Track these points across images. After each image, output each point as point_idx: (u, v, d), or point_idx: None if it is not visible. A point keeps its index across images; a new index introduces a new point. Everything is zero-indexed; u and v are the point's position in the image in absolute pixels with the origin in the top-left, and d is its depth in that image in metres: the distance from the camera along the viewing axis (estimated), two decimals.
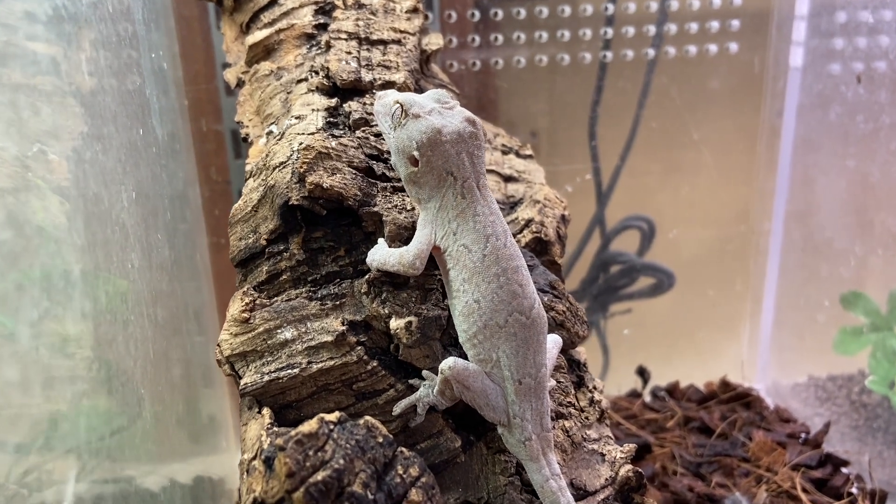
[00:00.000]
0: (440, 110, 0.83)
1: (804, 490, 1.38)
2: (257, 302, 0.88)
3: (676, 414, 1.65)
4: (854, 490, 1.37)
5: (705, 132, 1.68)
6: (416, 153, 0.81)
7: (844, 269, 1.60)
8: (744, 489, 1.40)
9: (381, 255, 0.85)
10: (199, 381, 1.60)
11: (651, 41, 1.59)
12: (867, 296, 1.60)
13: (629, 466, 0.96)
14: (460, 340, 0.84)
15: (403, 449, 0.77)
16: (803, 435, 1.58)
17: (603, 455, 0.96)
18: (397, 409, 0.85)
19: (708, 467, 1.48)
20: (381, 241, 0.87)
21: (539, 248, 1.06)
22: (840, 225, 1.62)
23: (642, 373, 1.75)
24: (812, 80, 1.59)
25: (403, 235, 0.88)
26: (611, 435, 1.03)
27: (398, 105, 0.82)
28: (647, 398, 1.76)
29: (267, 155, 0.94)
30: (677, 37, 1.59)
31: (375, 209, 0.90)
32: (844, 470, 1.45)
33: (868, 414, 1.61)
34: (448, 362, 0.81)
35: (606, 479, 0.93)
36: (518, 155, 1.23)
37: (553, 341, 0.89)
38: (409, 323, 0.84)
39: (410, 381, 0.86)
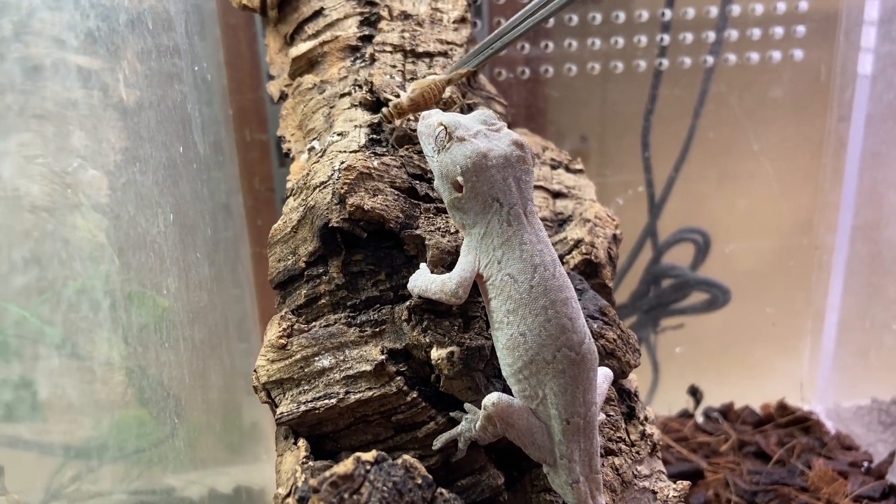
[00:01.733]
0: (486, 133, 0.78)
1: None
2: (295, 327, 0.85)
3: (731, 437, 1.58)
4: None
5: (766, 142, 1.60)
6: (460, 178, 0.77)
7: None
8: None
9: (423, 281, 0.81)
10: (241, 389, 1.59)
11: (710, 48, 1.52)
12: None
13: None
14: (504, 374, 0.79)
15: (443, 490, 0.73)
16: (866, 464, 1.50)
17: (655, 493, 0.91)
18: (437, 443, 0.81)
19: (764, 496, 1.41)
20: (422, 266, 0.84)
21: (589, 271, 1.01)
22: None
23: (694, 393, 1.69)
24: (882, 88, 1.50)
25: (446, 260, 0.85)
26: (663, 469, 0.98)
27: (442, 127, 0.78)
28: (700, 419, 1.69)
29: (308, 173, 0.92)
30: (738, 43, 1.52)
31: (418, 232, 0.86)
32: None
33: None
34: (492, 398, 0.77)
35: None
36: (568, 169, 1.18)
37: (603, 375, 0.84)
38: (451, 353, 0.80)
39: (451, 414, 0.82)
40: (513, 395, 0.79)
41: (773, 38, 1.52)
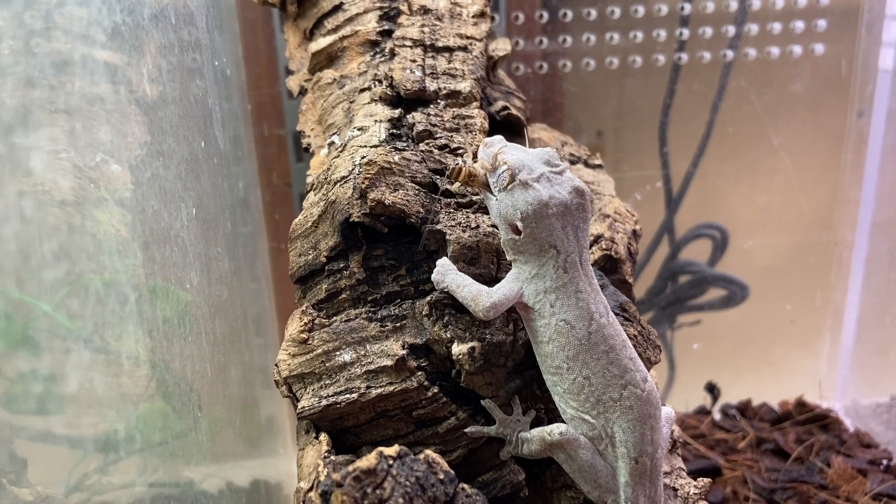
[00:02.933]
0: (549, 176, 0.77)
1: None
2: (316, 322, 0.85)
3: (748, 434, 1.57)
4: None
5: (786, 137, 1.59)
6: (519, 224, 0.76)
7: None
8: None
9: (455, 280, 0.80)
10: (257, 384, 1.60)
11: (729, 42, 1.51)
12: None
13: (704, 503, 0.90)
14: (567, 417, 0.79)
15: (465, 486, 0.73)
16: (885, 461, 1.48)
17: (675, 490, 0.91)
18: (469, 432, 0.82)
19: (782, 493, 1.40)
20: (447, 261, 0.83)
21: (609, 267, 1.01)
22: None
23: (712, 389, 1.68)
24: None
25: (468, 256, 0.84)
26: (683, 467, 0.97)
27: (507, 168, 0.77)
28: (717, 416, 1.68)
29: (328, 168, 0.92)
30: (758, 37, 1.50)
31: (439, 227, 0.86)
32: None
33: None
34: (560, 428, 0.78)
35: None
36: (587, 164, 1.17)
37: (666, 416, 0.84)
38: (473, 349, 0.80)
39: (483, 403, 0.82)
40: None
41: (794, 33, 1.50)
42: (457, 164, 0.80)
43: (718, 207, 1.67)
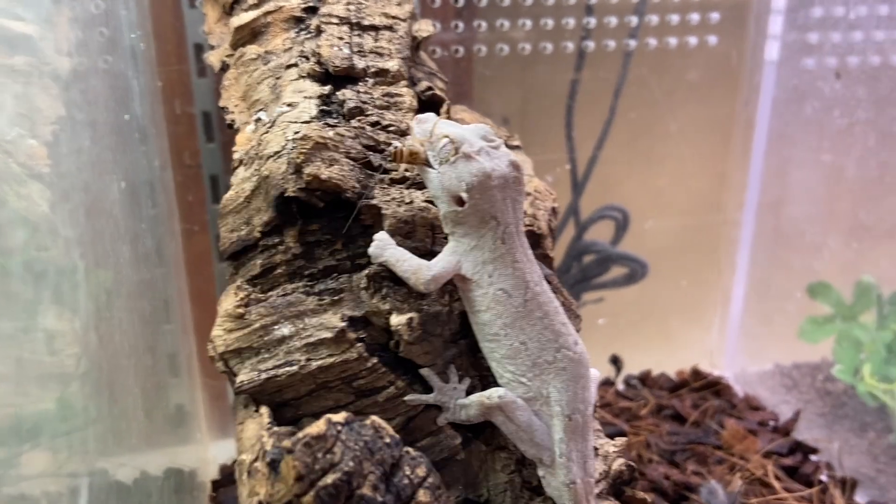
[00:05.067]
0: (488, 150, 0.80)
1: (776, 478, 1.41)
2: (252, 297, 0.85)
3: (649, 402, 1.68)
4: (824, 478, 1.41)
5: (682, 123, 1.69)
6: (464, 195, 0.79)
7: (816, 261, 1.63)
8: (718, 476, 1.42)
9: (394, 254, 0.82)
10: (166, 371, 1.56)
11: (631, 32, 1.59)
12: (833, 286, 1.64)
13: (622, 460, 0.96)
14: (503, 382, 0.83)
15: (409, 449, 0.76)
16: (772, 423, 1.62)
17: (596, 449, 0.96)
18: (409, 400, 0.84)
19: (682, 455, 1.51)
20: (384, 234, 0.85)
21: (532, 242, 1.05)
22: (812, 217, 1.66)
23: (615, 361, 1.77)
24: (788, 74, 1.61)
25: (404, 230, 0.86)
26: (600, 429, 1.03)
27: (448, 141, 0.79)
28: (621, 387, 1.77)
29: (259, 144, 0.91)
30: (658, 28, 1.59)
31: (374, 202, 0.87)
32: (814, 458, 1.49)
33: (834, 402, 1.66)
34: (499, 392, 0.81)
35: (600, 474, 0.94)
36: (507, 146, 1.21)
37: (594, 377, 0.88)
38: (411, 319, 0.83)
39: (421, 371, 0.84)
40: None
41: (690, 24, 1.60)
42: (395, 146, 0.82)
43: (620, 190, 1.75)
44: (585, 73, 1.61)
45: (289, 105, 0.95)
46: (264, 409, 0.80)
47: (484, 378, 0.89)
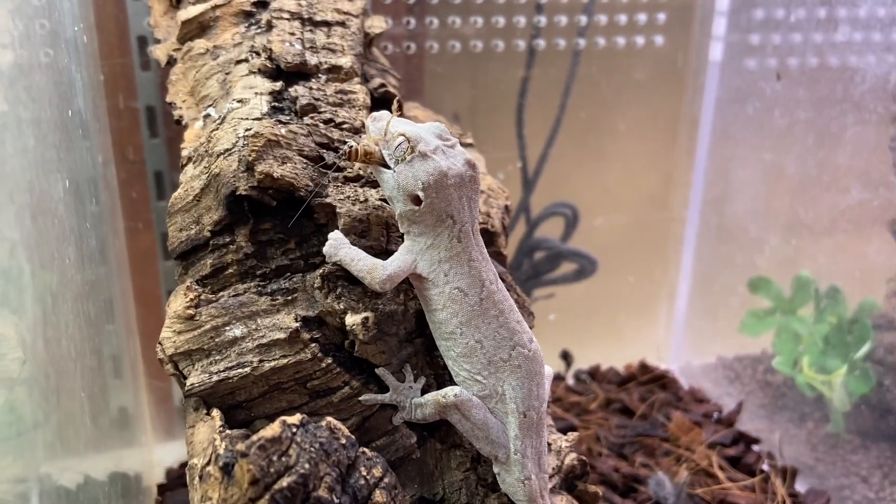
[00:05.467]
0: (444, 149, 0.80)
1: (721, 468, 1.45)
2: (202, 297, 0.83)
3: (598, 396, 1.70)
4: (766, 467, 1.46)
5: (630, 122, 1.72)
6: (420, 194, 0.78)
7: (758, 257, 1.68)
8: (665, 468, 1.46)
9: (348, 253, 0.82)
10: (109, 373, 1.52)
11: (580, 31, 1.60)
12: (772, 280, 1.69)
13: (574, 455, 0.98)
14: (459, 380, 0.83)
15: (365, 449, 0.75)
16: (716, 414, 1.66)
17: (549, 444, 0.97)
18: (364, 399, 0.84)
19: (630, 447, 1.54)
20: (338, 233, 0.84)
21: (486, 240, 1.06)
22: (754, 214, 1.70)
23: (566, 357, 1.79)
24: (731, 74, 1.66)
25: (358, 228, 0.86)
26: (552, 423, 1.05)
27: (404, 140, 0.79)
28: (571, 381, 1.80)
29: (209, 141, 0.89)
30: (607, 28, 1.61)
31: (328, 200, 0.86)
32: (756, 448, 1.53)
33: (774, 393, 1.71)
34: (454, 390, 0.81)
35: (553, 468, 0.95)
36: (460, 143, 1.21)
37: (547, 374, 0.89)
38: (366, 319, 0.82)
39: (377, 371, 0.84)
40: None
41: (638, 25, 1.63)
42: (350, 145, 0.82)
43: (570, 187, 1.77)
44: (536, 72, 1.62)
45: (239, 101, 0.93)
46: (216, 412, 0.79)
47: (439, 376, 0.89)
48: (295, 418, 0.71)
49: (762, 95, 1.59)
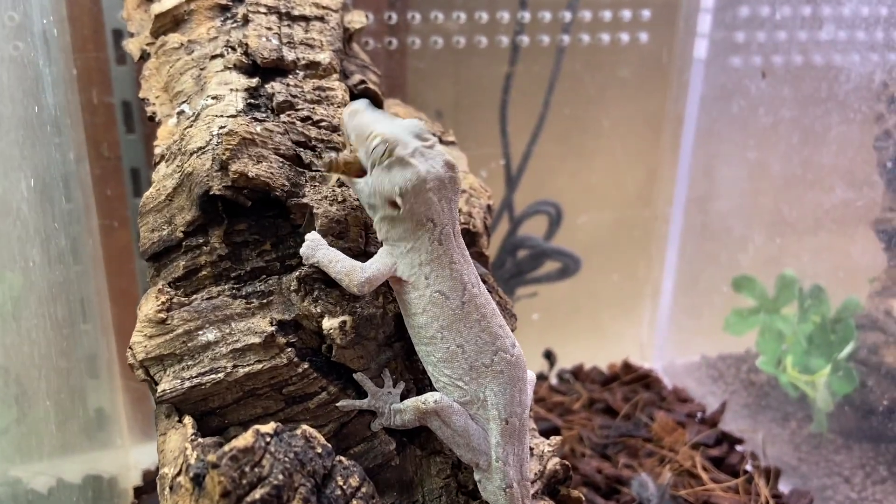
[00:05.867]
0: (422, 150, 0.77)
1: (704, 469, 1.44)
2: (174, 301, 0.81)
3: (582, 396, 1.69)
4: (749, 468, 1.45)
5: (614, 119, 1.70)
6: (398, 199, 0.76)
7: (742, 255, 1.67)
8: (648, 469, 1.45)
9: (326, 255, 0.79)
10: (84, 373, 1.49)
11: (564, 27, 1.58)
12: (756, 279, 1.68)
13: (556, 459, 0.96)
14: (439, 385, 0.81)
15: (342, 458, 0.73)
16: (700, 414, 1.65)
17: (532, 449, 0.96)
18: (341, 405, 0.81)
19: (614, 448, 1.53)
20: (315, 234, 0.82)
21: (467, 240, 1.04)
22: (739, 213, 1.70)
23: (549, 356, 1.78)
24: (715, 72, 1.64)
25: (336, 230, 0.84)
26: (535, 427, 1.03)
27: (382, 143, 0.76)
28: (554, 381, 1.78)
29: (182, 138, 0.87)
30: (591, 24, 1.60)
31: (305, 200, 0.84)
32: (739, 448, 1.53)
33: (757, 392, 1.71)
34: (435, 396, 0.79)
35: (535, 473, 0.93)
36: (441, 141, 1.19)
37: (529, 380, 0.87)
38: (344, 323, 0.80)
39: (355, 376, 0.82)
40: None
41: (622, 21, 1.61)
42: (331, 157, 0.79)
43: (554, 185, 1.76)
44: (519, 68, 1.60)
45: (214, 98, 0.90)
46: (188, 420, 0.77)
47: (419, 382, 0.87)
48: (269, 427, 0.69)
49: (747, 93, 1.58)
